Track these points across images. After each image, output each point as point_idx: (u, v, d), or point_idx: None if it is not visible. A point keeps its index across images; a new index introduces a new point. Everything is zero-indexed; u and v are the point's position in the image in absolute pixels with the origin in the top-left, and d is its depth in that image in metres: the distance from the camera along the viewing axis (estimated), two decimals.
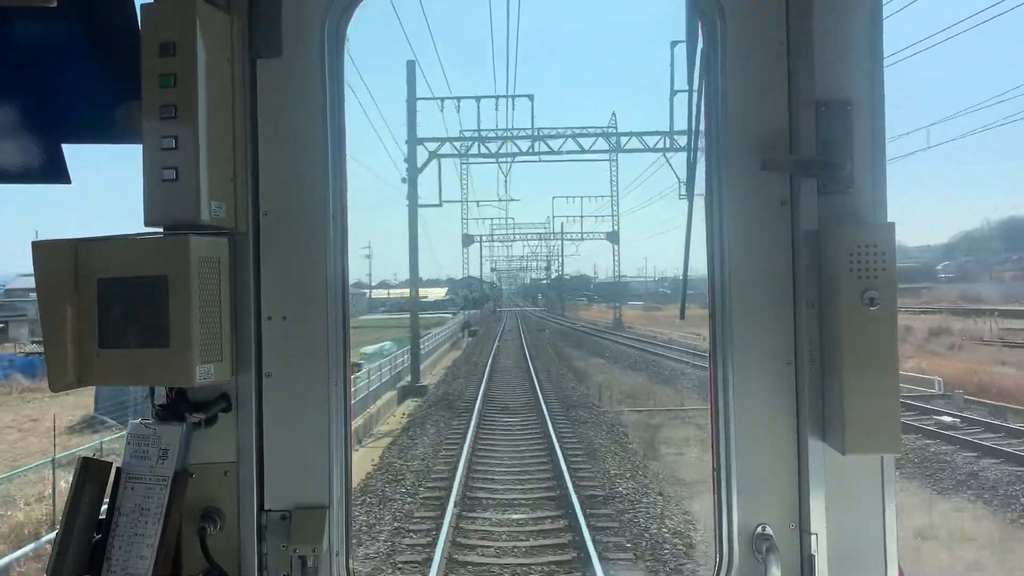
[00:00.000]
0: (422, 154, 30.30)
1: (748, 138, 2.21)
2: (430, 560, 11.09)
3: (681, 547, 11.85)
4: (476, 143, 31.33)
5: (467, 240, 65.86)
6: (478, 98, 30.04)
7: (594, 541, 11.54)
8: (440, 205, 35.15)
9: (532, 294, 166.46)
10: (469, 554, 11.51)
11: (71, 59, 2.19)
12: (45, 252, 2.06)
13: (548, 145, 31.54)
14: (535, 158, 32.00)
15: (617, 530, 12.49)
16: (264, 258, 2.26)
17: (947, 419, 19.73)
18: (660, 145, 32.68)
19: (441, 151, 31.17)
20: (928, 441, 17.91)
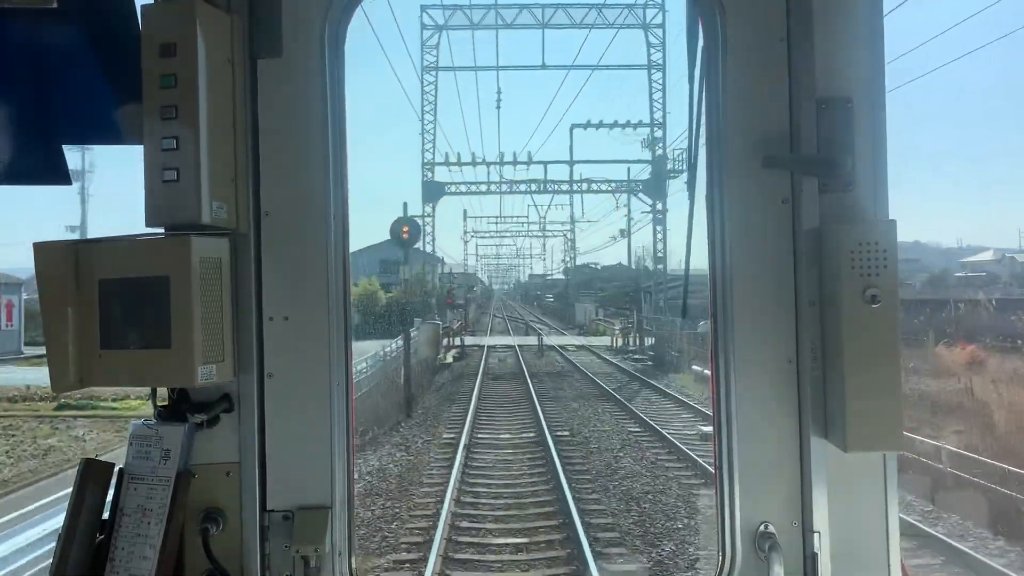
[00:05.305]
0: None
1: (749, 136, 2.21)
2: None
3: None
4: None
5: (433, 189, 44.20)
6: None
7: None
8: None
9: (538, 297, 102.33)
10: None
11: (72, 60, 2.19)
12: (46, 253, 2.06)
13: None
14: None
15: None
16: (265, 258, 2.26)
17: None
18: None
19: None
20: None
